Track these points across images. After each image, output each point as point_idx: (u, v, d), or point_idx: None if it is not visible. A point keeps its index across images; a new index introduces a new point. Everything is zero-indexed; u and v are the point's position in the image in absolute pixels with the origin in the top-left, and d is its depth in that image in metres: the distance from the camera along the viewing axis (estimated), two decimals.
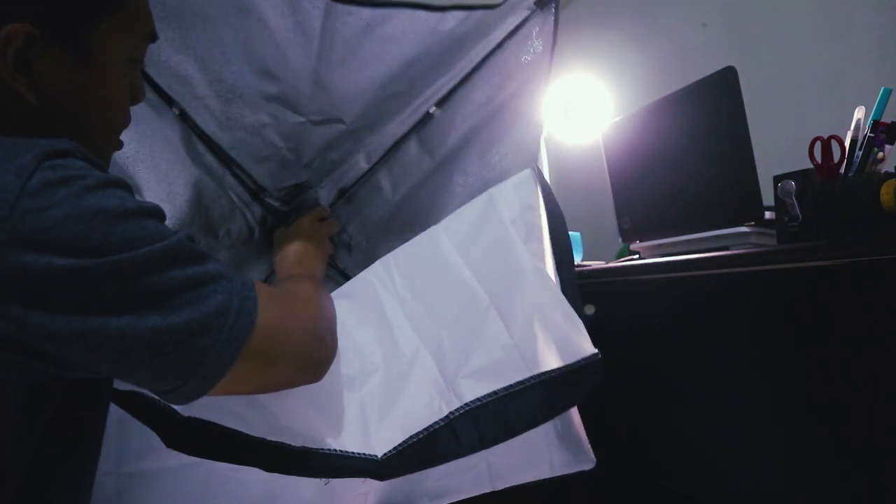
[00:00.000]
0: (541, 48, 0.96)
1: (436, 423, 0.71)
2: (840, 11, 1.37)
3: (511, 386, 0.72)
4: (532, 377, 0.72)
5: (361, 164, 1.05)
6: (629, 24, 1.89)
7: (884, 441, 0.76)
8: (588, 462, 0.85)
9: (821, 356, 0.83)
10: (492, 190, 0.89)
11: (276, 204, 1.05)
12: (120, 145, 0.64)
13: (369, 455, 0.68)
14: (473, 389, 0.73)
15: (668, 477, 1.10)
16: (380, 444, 0.70)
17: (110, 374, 0.51)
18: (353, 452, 0.68)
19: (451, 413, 0.71)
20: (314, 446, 0.66)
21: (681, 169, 1.13)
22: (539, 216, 0.85)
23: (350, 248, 1.11)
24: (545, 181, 0.91)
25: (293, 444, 0.66)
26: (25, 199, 0.42)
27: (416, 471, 0.69)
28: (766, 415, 0.90)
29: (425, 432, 0.70)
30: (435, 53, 0.94)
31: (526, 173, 0.90)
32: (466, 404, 0.72)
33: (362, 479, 0.69)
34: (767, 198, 0.97)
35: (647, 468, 1.15)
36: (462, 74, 1.00)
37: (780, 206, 0.92)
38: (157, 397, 0.65)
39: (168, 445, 0.64)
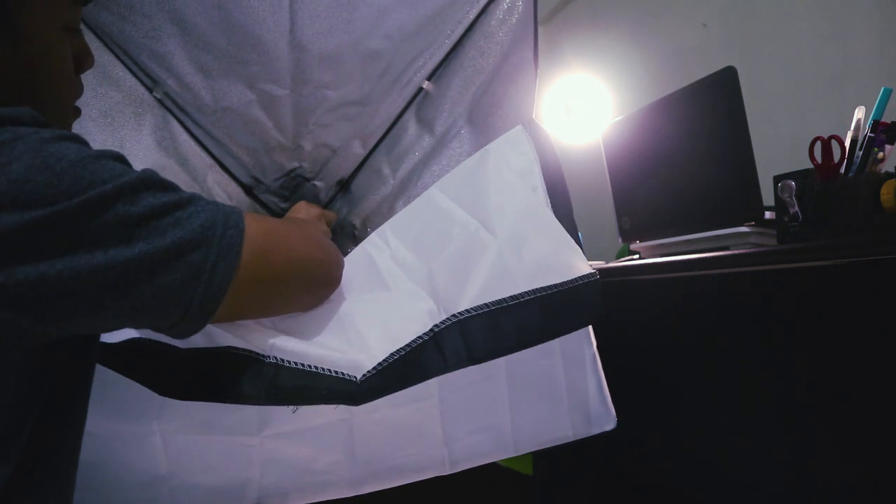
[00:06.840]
0: (521, 6, 0.96)
1: (419, 337, 0.66)
2: (840, 11, 1.37)
3: (504, 300, 0.67)
4: (526, 292, 0.68)
5: (357, 149, 1.05)
6: (629, 24, 1.89)
7: (885, 441, 0.76)
8: (610, 421, 0.81)
9: (821, 356, 0.83)
10: (486, 146, 0.87)
11: (274, 199, 1.04)
12: (78, 113, 0.63)
13: (348, 376, 0.62)
14: (464, 304, 0.68)
15: (668, 477, 1.10)
16: (361, 362, 0.64)
17: (116, 319, 0.50)
18: (327, 370, 0.62)
19: (435, 326, 0.66)
20: (288, 358, 0.62)
21: (681, 169, 1.13)
22: (534, 161, 0.83)
23: (354, 238, 1.10)
24: (543, 133, 0.89)
25: (264, 354, 0.61)
26: None
27: (395, 391, 0.63)
28: (766, 415, 0.90)
29: (408, 348, 0.65)
30: (407, 3, 0.92)
31: (518, 129, 0.88)
32: (454, 315, 0.66)
33: (335, 406, 0.63)
34: (767, 198, 0.97)
35: (647, 468, 1.15)
36: (449, 44, 1.00)
37: (780, 206, 0.92)
38: (155, 338, 0.61)
39: (162, 392, 0.60)
